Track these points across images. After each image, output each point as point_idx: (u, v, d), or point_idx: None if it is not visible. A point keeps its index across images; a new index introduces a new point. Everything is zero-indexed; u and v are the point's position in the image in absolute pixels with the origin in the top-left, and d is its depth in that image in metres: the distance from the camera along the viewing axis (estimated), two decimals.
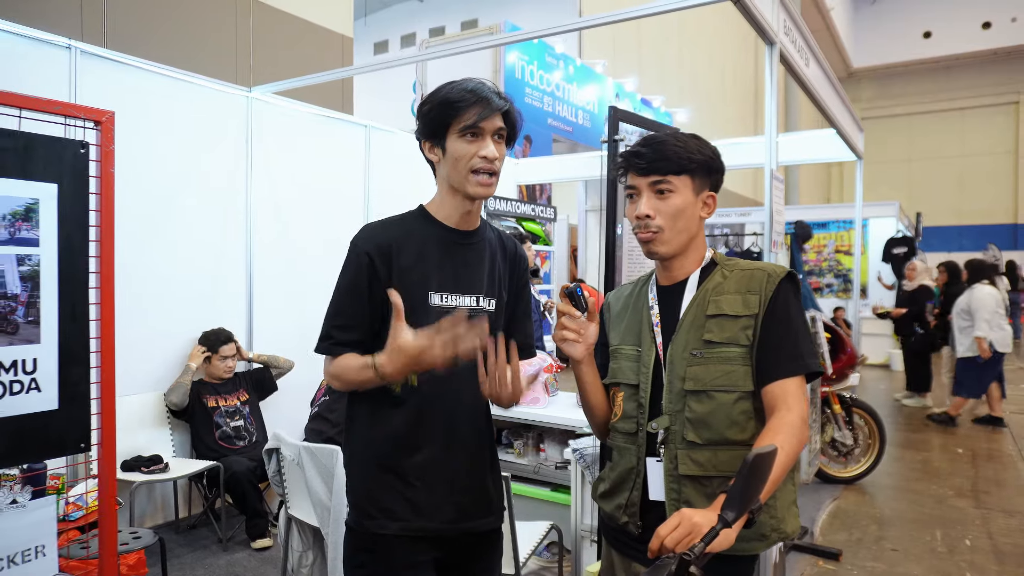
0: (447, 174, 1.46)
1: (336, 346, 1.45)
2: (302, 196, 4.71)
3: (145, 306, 3.83)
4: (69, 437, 1.53)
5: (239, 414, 4.05)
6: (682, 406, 1.41)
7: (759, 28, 2.59)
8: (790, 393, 1.35)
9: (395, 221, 1.51)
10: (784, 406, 1.34)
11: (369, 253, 1.43)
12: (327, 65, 6.09)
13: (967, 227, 23.87)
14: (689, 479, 1.39)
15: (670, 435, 1.42)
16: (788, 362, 1.37)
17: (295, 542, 2.95)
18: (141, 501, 3.87)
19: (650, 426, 1.45)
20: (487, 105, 1.41)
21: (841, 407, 4.76)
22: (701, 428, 1.39)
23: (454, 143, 1.42)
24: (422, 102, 1.48)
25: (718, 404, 1.39)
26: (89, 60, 3.54)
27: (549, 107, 8.23)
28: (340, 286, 1.48)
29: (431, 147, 1.48)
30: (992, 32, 23.92)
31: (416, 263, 1.45)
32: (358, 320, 1.46)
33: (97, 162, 1.56)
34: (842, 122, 4.45)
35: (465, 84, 1.44)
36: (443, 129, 1.43)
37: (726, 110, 16.53)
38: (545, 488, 3.39)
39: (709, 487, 1.38)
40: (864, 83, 26.41)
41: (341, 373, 1.45)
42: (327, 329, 1.48)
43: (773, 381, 1.37)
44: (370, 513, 1.47)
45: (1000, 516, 4.30)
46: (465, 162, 1.42)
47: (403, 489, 1.46)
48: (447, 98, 1.42)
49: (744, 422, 1.39)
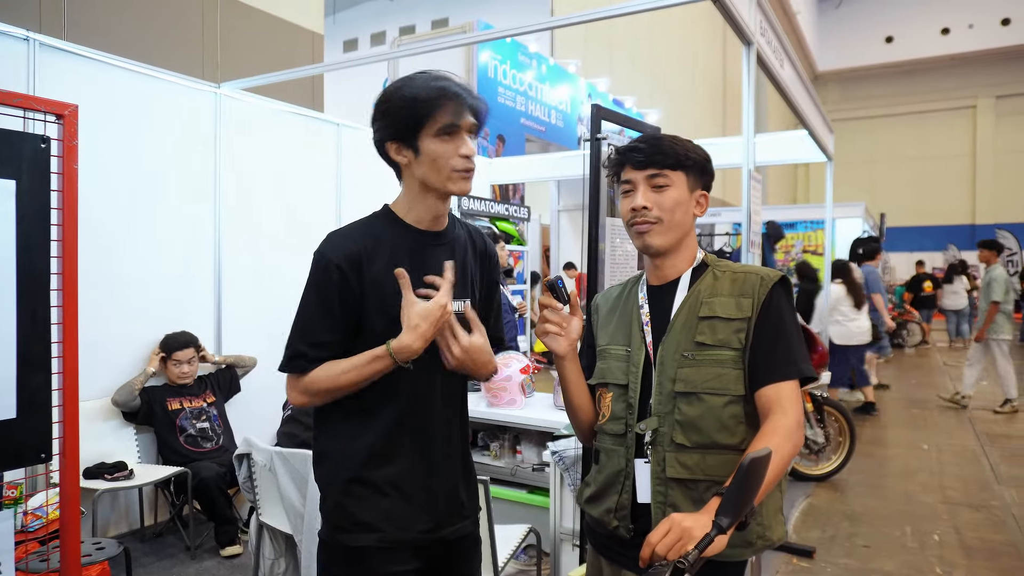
0: (423, 175, 1.40)
1: (310, 364, 1.38)
2: (272, 195, 4.61)
3: (110, 308, 3.71)
4: (28, 447, 1.44)
5: (205, 415, 3.95)
6: (672, 408, 1.39)
7: (737, 28, 2.59)
8: (785, 397, 1.34)
9: (361, 227, 1.44)
10: (779, 409, 1.32)
11: (340, 267, 1.36)
12: (297, 62, 5.99)
13: (928, 228, 24.50)
14: (676, 482, 1.37)
15: (658, 437, 1.40)
16: (782, 366, 1.36)
17: (267, 549, 2.87)
18: (104, 509, 3.75)
19: (638, 427, 1.42)
20: (461, 102, 1.37)
21: (813, 405, 4.82)
22: (690, 431, 1.37)
23: (430, 143, 1.37)
24: (382, 101, 1.39)
25: (708, 407, 1.37)
26: (49, 53, 3.41)
27: (522, 107, 8.21)
28: (309, 301, 1.40)
29: (399, 148, 1.40)
30: (951, 38, 24.63)
31: (387, 270, 1.39)
32: (331, 337, 1.39)
33: (59, 157, 1.49)
34: (814, 123, 4.51)
35: (432, 80, 1.37)
36: (415, 130, 1.36)
37: (696, 111, 16.72)
38: (522, 490, 3.36)
39: (696, 491, 1.36)
40: (829, 86, 26.96)
41: (320, 383, 1.38)
42: (298, 347, 1.39)
43: (767, 385, 1.35)
44: (344, 527, 1.42)
45: (966, 511, 4.39)
46: (446, 162, 1.37)
47: (378, 501, 1.41)
48: (416, 96, 1.35)
49: (734, 426, 1.37)
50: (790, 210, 14.34)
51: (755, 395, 1.36)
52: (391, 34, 13.49)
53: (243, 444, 2.78)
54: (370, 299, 1.38)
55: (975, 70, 24.60)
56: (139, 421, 3.82)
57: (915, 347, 13.62)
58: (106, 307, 3.69)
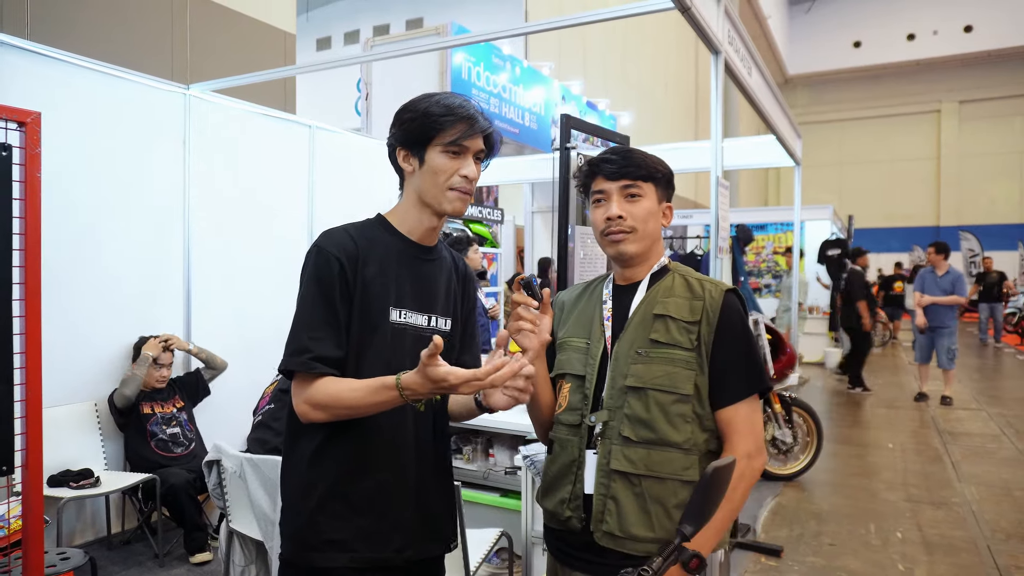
0: (421, 186, 1.40)
1: (315, 361, 1.30)
2: (243, 197, 4.56)
3: (75, 313, 3.64)
4: None
5: (175, 420, 3.90)
6: (622, 402, 1.43)
7: (705, 37, 2.63)
8: (739, 422, 1.41)
9: (356, 228, 1.42)
10: (729, 447, 1.41)
11: (340, 259, 1.34)
12: (269, 63, 5.93)
13: (895, 229, 25.03)
14: (619, 475, 1.41)
15: (607, 430, 1.44)
16: (738, 384, 1.43)
17: (237, 556, 2.85)
18: (70, 518, 3.68)
19: (589, 419, 1.46)
20: (473, 124, 1.39)
21: (781, 406, 4.90)
22: (638, 426, 1.41)
23: (435, 157, 1.38)
24: (403, 109, 1.42)
25: (656, 403, 1.41)
26: (11, 53, 3.34)
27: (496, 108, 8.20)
28: (309, 294, 1.34)
29: (407, 156, 1.41)
30: (916, 43, 25.19)
31: (379, 275, 1.38)
32: (336, 330, 1.33)
33: (21, 166, 1.46)
34: (781, 129, 4.59)
35: (451, 99, 1.39)
36: (424, 141, 1.38)
37: (667, 115, 16.87)
38: (495, 494, 3.37)
39: (638, 486, 1.40)
40: (799, 90, 27.40)
41: (332, 401, 1.29)
42: (302, 342, 1.31)
43: (726, 406, 1.42)
44: (314, 545, 1.35)
45: (928, 508, 4.50)
46: (444, 178, 1.38)
47: (351, 518, 1.36)
48: (430, 111, 1.37)
49: (680, 424, 1.41)
50: (760, 212, 14.57)
51: (715, 414, 1.43)
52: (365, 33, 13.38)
53: (213, 450, 2.76)
54: (356, 301, 1.36)
55: (939, 75, 25.19)
56: (123, 422, 3.77)
57: (881, 346, 13.89)
58: (72, 312, 3.62)
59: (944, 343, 7.61)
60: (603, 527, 1.40)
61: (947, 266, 7.66)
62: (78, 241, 3.66)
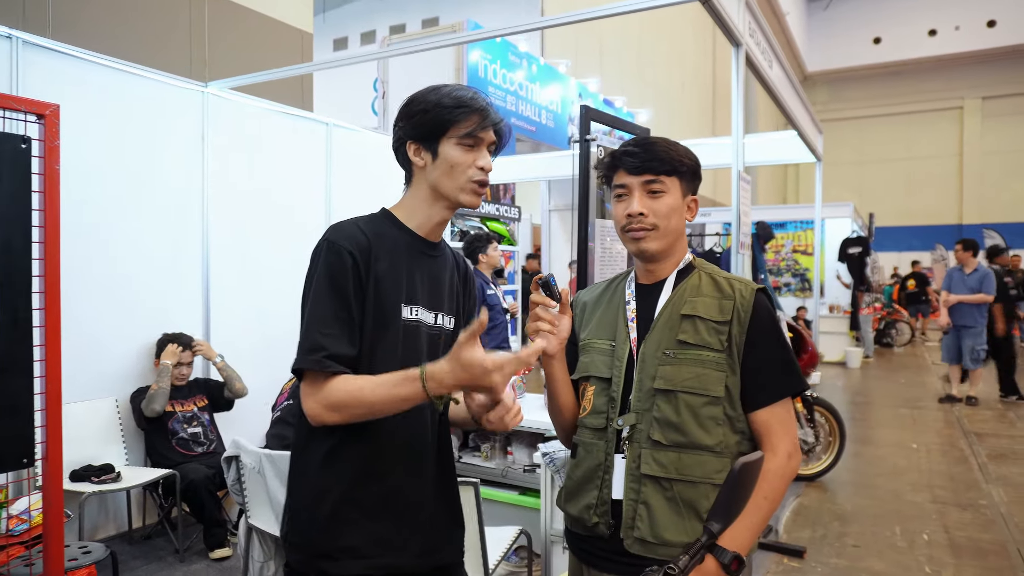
0: (436, 179, 1.36)
1: (329, 359, 1.23)
2: (261, 195, 4.58)
3: (96, 309, 3.67)
4: (10, 453, 1.41)
5: (197, 420, 3.92)
6: (650, 405, 1.40)
7: (726, 29, 2.59)
8: (775, 423, 1.38)
9: (365, 222, 1.37)
10: (768, 446, 1.37)
11: (352, 253, 1.28)
12: (286, 61, 5.95)
13: (916, 228, 24.69)
14: (650, 479, 1.37)
15: (636, 433, 1.40)
16: (774, 385, 1.39)
17: (256, 552, 2.84)
18: (92, 512, 3.71)
19: (616, 422, 1.42)
20: (486, 116, 1.36)
21: (803, 405, 4.83)
22: (667, 429, 1.38)
23: (450, 149, 1.34)
24: (411, 101, 1.38)
25: (686, 406, 1.37)
26: (32, 51, 3.37)
27: (512, 106, 8.18)
28: (321, 289, 1.27)
29: (418, 150, 1.36)
30: (938, 39, 24.82)
31: (390, 270, 1.34)
32: (350, 327, 1.27)
33: (40, 158, 1.46)
34: (803, 124, 4.52)
35: (463, 91, 1.36)
36: (438, 133, 1.34)
37: (685, 111, 16.76)
38: (513, 492, 3.35)
39: (670, 490, 1.36)
40: (818, 87, 27.10)
41: (349, 398, 1.22)
42: (315, 339, 1.24)
43: (759, 408, 1.39)
44: (328, 553, 1.30)
45: (954, 510, 4.41)
46: (462, 170, 1.35)
47: (366, 523, 1.31)
48: (442, 103, 1.33)
49: (712, 427, 1.37)
50: (780, 210, 14.42)
51: (749, 416, 1.40)
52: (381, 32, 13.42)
53: (231, 446, 2.76)
54: (369, 296, 1.31)
55: (962, 71, 24.81)
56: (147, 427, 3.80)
57: (903, 346, 13.71)
58: (92, 308, 3.65)
59: (969, 343, 7.47)
60: (634, 533, 1.36)
61: (975, 264, 7.52)
62: (98, 238, 3.69)
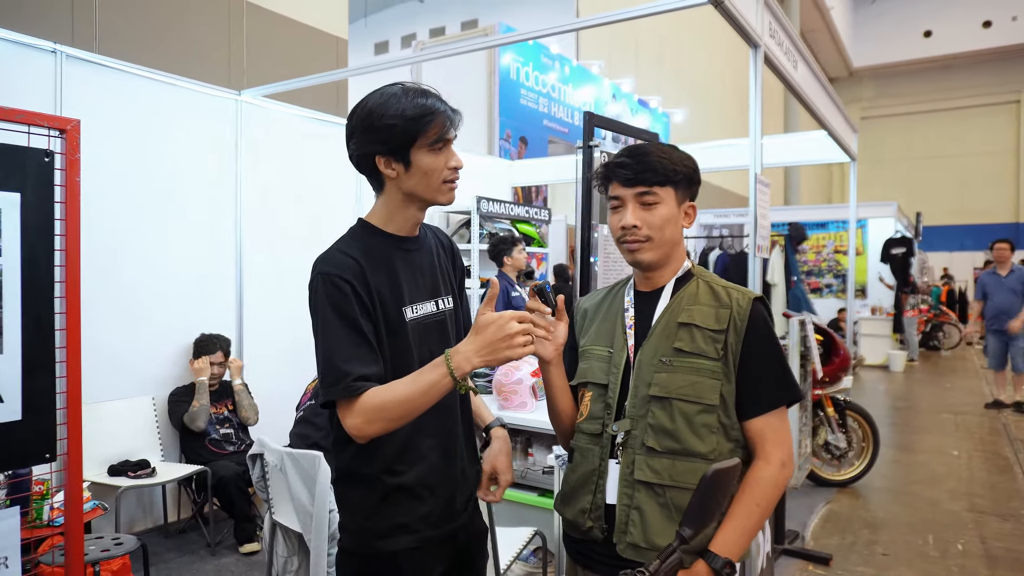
0: (413, 187, 1.41)
1: (358, 382, 1.28)
2: (294, 201, 4.70)
3: (133, 310, 3.83)
4: (33, 448, 1.51)
5: (228, 422, 4.06)
6: (645, 411, 1.41)
7: (741, 31, 2.57)
8: (770, 432, 1.39)
9: (348, 242, 1.43)
10: (762, 454, 1.38)
11: (348, 280, 1.34)
12: (321, 67, 6.08)
13: (969, 226, 23.84)
14: (643, 485, 1.39)
15: (630, 439, 1.42)
16: (770, 394, 1.40)
17: (280, 547, 2.93)
18: (130, 506, 3.86)
19: (611, 428, 1.44)
20: (448, 116, 1.40)
21: (834, 410, 4.74)
22: (661, 435, 1.39)
23: (423, 157, 1.38)
24: (370, 115, 1.39)
25: (680, 413, 1.38)
26: (74, 64, 3.53)
27: (544, 108, 8.21)
28: (330, 323, 1.32)
29: (388, 162, 1.39)
30: (993, 31, 23.89)
31: (386, 280, 1.41)
32: (369, 348, 1.33)
33: (62, 171, 1.55)
34: (834, 124, 4.43)
35: (419, 98, 1.38)
36: (408, 144, 1.38)
37: (722, 111, 16.52)
38: (532, 493, 3.37)
39: (663, 496, 1.37)
40: (865, 83, 26.41)
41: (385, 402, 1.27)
42: (337, 369, 1.28)
43: (754, 417, 1.40)
44: (380, 532, 1.40)
45: (994, 520, 4.27)
46: (438, 174, 1.41)
47: (414, 505, 1.42)
48: (406, 115, 1.36)
49: (706, 435, 1.38)
50: (820, 210, 14.09)
51: (743, 425, 1.41)
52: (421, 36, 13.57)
53: (256, 444, 2.85)
54: (377, 312, 1.38)
55: (1018, 64, 23.85)
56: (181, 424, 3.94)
57: (951, 349, 13.28)
58: (131, 312, 3.80)
59: (1019, 344, 7.21)
60: (627, 538, 1.39)
61: (1011, 264, 7.26)
62: (135, 244, 3.84)
